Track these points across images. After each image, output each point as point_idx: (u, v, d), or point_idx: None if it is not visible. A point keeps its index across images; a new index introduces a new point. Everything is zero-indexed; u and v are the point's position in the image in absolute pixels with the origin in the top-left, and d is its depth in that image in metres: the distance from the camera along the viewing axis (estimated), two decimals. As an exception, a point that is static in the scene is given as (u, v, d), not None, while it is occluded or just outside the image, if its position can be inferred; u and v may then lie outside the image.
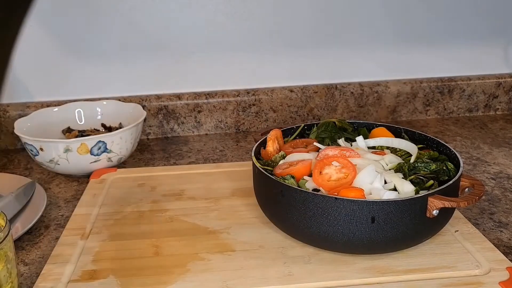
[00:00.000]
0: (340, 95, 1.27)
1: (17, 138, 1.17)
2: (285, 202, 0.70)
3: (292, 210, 0.70)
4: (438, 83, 1.30)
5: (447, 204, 0.66)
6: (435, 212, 0.67)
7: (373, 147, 0.86)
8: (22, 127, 1.01)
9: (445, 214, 0.71)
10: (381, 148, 0.85)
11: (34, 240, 0.81)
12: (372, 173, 0.73)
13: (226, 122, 1.26)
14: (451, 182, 0.70)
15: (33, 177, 1.02)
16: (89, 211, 0.85)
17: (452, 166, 0.77)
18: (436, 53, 1.30)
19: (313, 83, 1.27)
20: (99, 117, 1.14)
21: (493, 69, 1.34)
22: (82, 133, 1.08)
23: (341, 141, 0.86)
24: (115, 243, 0.76)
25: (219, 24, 1.20)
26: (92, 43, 1.17)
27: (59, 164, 0.97)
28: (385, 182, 0.73)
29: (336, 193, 0.69)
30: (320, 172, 0.74)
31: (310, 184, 0.73)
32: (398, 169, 0.76)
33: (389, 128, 0.89)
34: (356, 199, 0.66)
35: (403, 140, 0.85)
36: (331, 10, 1.23)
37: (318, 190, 0.72)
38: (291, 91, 1.25)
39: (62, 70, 1.19)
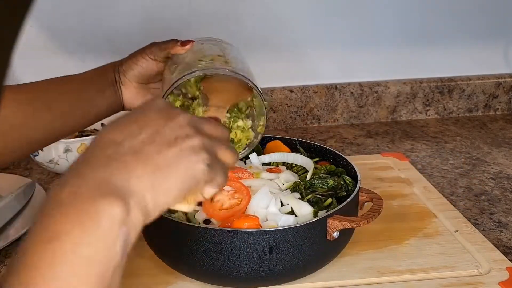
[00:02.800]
0: (340, 95, 1.27)
1: (17, 138, 1.16)
2: (173, 239, 0.64)
3: (182, 247, 0.64)
4: (438, 83, 1.30)
5: (347, 225, 0.64)
6: (335, 234, 0.64)
7: (268, 164, 0.82)
8: (22, 127, 1.01)
9: (347, 234, 0.68)
10: (277, 164, 0.82)
11: (34, 240, 0.81)
12: (266, 196, 0.68)
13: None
14: (349, 199, 0.67)
15: (33, 177, 1.02)
16: (89, 211, 0.85)
17: (349, 179, 0.75)
18: (436, 53, 1.30)
19: (313, 83, 1.27)
20: (99, 117, 1.14)
21: (493, 69, 1.34)
22: (82, 133, 1.08)
23: None
24: (115, 243, 0.76)
25: (218, 24, 1.20)
26: (93, 43, 1.17)
27: (59, 164, 0.97)
28: (282, 205, 0.69)
29: (229, 224, 0.65)
30: (211, 200, 0.68)
31: (200, 215, 0.68)
32: (294, 188, 0.73)
33: (284, 141, 0.86)
34: (250, 229, 0.62)
35: (299, 155, 0.82)
36: (330, 10, 1.22)
37: (210, 221, 0.68)
38: (291, 91, 1.25)
39: (62, 70, 1.18)
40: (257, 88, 0.68)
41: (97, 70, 0.77)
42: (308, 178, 0.76)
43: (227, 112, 0.75)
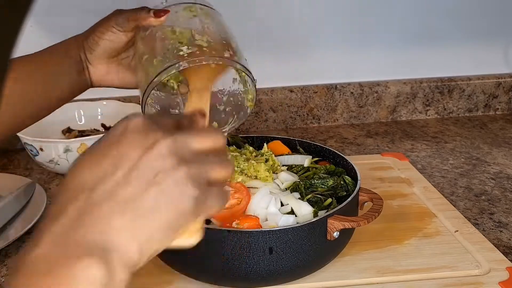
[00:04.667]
0: (340, 95, 1.27)
1: (17, 138, 1.17)
2: None
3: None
4: (438, 83, 1.30)
5: (347, 225, 0.64)
6: (335, 234, 0.64)
7: None
8: (22, 127, 1.01)
9: (347, 234, 0.68)
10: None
11: (34, 240, 0.81)
12: (266, 196, 0.68)
13: (226, 122, 1.25)
14: (349, 199, 0.67)
15: (33, 177, 1.02)
16: (89, 211, 0.85)
17: (349, 179, 0.75)
18: (436, 53, 1.30)
19: (313, 83, 1.27)
20: (99, 117, 1.14)
21: (493, 69, 1.33)
22: (82, 133, 1.08)
23: None
24: (115, 243, 0.76)
25: (219, 24, 1.20)
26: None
27: (59, 164, 0.97)
28: (282, 205, 0.69)
29: (229, 224, 0.65)
30: None
31: None
32: (294, 188, 0.73)
33: (284, 141, 0.86)
34: (251, 230, 0.62)
35: (298, 155, 0.82)
36: (330, 10, 1.22)
37: (210, 221, 0.67)
38: (291, 91, 1.25)
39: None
40: (246, 69, 0.64)
41: (57, 47, 0.69)
42: (305, 165, 0.77)
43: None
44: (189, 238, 0.38)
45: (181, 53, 0.62)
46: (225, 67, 0.66)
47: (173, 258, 0.67)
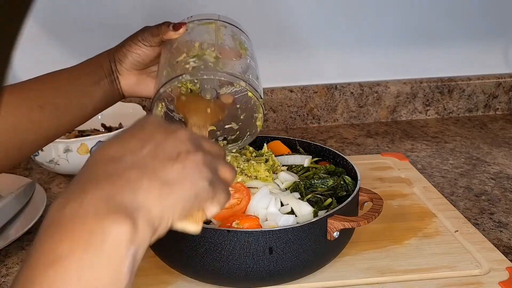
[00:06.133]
0: (340, 95, 1.27)
1: (17, 138, 1.17)
2: (174, 239, 0.63)
3: (181, 247, 0.64)
4: (438, 83, 1.30)
5: (347, 225, 0.64)
6: (335, 234, 0.64)
7: None
8: (22, 127, 1.01)
9: (347, 234, 0.68)
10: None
11: (34, 240, 0.81)
12: (266, 196, 0.68)
13: (226, 122, 1.25)
14: (349, 199, 0.67)
15: (33, 177, 1.02)
16: (89, 211, 0.85)
17: (349, 179, 0.75)
18: (436, 53, 1.30)
19: (313, 83, 1.27)
20: (99, 117, 1.13)
21: (493, 69, 1.34)
22: (82, 133, 1.08)
23: None
24: (115, 243, 0.76)
25: (219, 24, 1.20)
26: (93, 43, 1.17)
27: (59, 164, 0.97)
28: (282, 205, 0.69)
29: (229, 224, 0.65)
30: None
31: None
32: (294, 188, 0.73)
33: (284, 141, 0.86)
34: (250, 230, 0.62)
35: (298, 155, 0.82)
36: (330, 10, 1.22)
37: (210, 222, 0.67)
38: (291, 91, 1.25)
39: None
40: (251, 87, 0.65)
41: (90, 61, 0.73)
42: (305, 165, 0.77)
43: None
44: (193, 224, 0.41)
45: (187, 66, 0.65)
46: (221, 107, 0.68)
47: (173, 258, 0.67)
